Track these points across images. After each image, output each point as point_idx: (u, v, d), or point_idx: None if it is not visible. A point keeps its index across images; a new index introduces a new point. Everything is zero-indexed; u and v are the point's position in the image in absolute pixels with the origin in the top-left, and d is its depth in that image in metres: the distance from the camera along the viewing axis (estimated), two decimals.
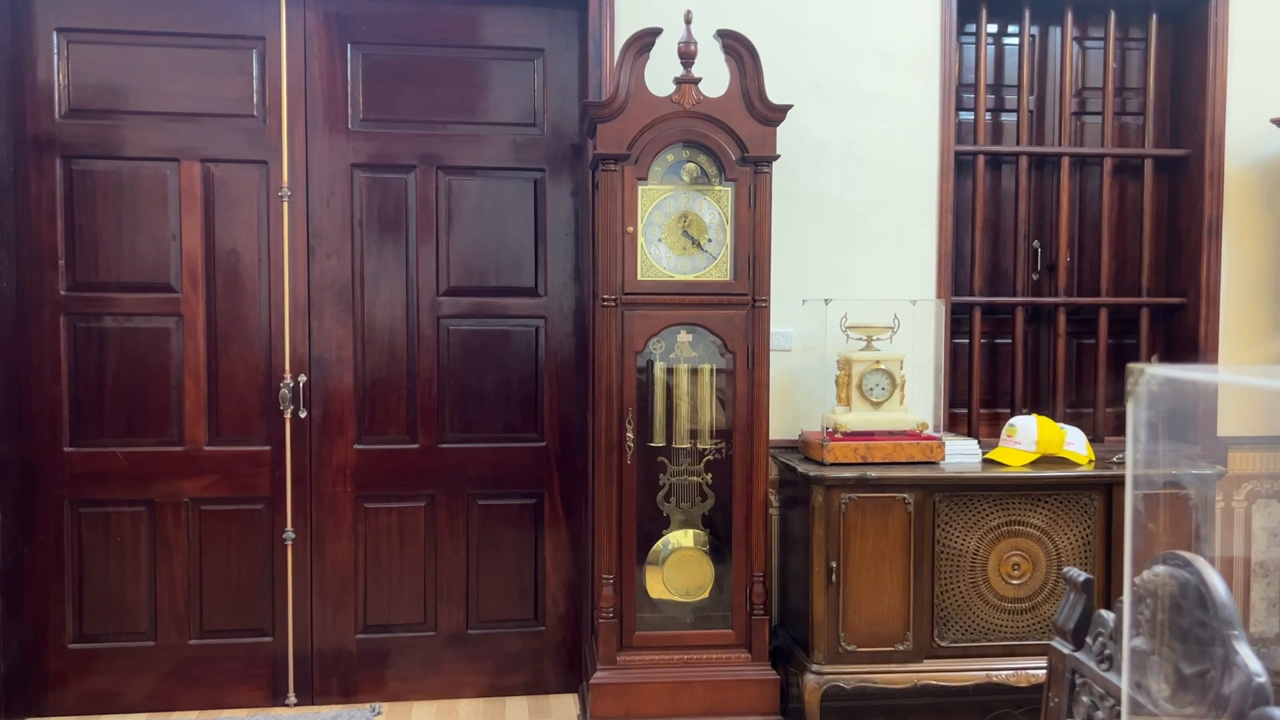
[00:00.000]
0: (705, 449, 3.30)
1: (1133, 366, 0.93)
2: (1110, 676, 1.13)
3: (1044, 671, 3.15)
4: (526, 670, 3.67)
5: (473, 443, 3.62)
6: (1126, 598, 0.94)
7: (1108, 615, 1.18)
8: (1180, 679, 0.91)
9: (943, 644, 3.19)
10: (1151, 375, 0.91)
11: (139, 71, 3.42)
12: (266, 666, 3.54)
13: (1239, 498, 3.75)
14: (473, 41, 3.55)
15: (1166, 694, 0.91)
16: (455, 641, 3.64)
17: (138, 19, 3.40)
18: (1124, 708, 0.91)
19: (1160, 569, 1.01)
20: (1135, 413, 0.93)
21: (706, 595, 3.30)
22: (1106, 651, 1.15)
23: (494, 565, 3.65)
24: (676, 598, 3.29)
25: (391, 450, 3.58)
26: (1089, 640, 1.20)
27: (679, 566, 3.30)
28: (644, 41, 3.04)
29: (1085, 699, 1.15)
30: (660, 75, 3.09)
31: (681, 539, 3.32)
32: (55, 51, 3.38)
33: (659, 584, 3.28)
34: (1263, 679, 0.84)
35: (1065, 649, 1.25)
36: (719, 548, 3.32)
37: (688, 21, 3.10)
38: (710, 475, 3.33)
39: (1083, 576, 1.30)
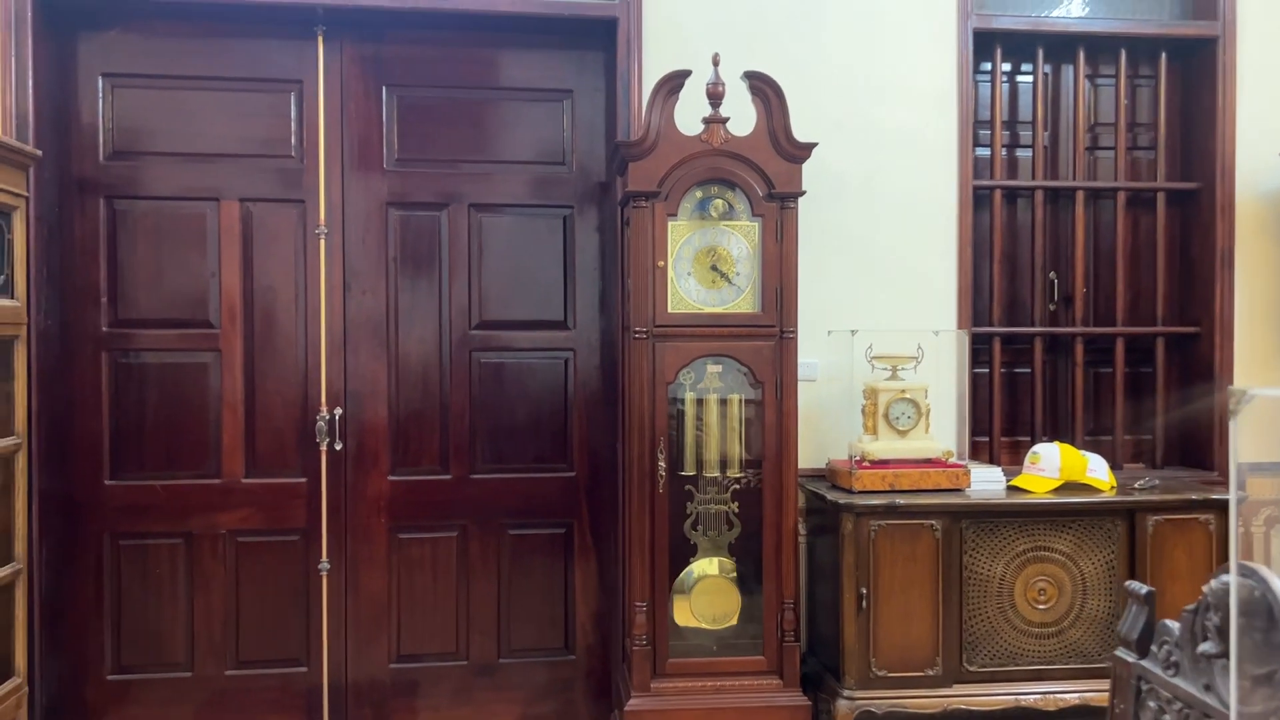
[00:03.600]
0: (735, 478, 3.36)
1: (1234, 389, 1.01)
2: (1177, 682, 1.20)
3: (1071, 696, 3.21)
4: (557, 699, 3.71)
5: (504, 473, 3.69)
6: (1233, 595, 1.00)
7: (1173, 625, 1.24)
8: (1251, 679, 0.98)
9: (971, 669, 3.24)
10: (1252, 395, 0.98)
11: (181, 114, 3.52)
12: (301, 697, 3.58)
13: (1258, 523, 3.81)
14: (503, 83, 3.66)
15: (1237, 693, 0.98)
16: (486, 671, 3.69)
17: (180, 64, 3.51)
18: (1233, 700, 0.97)
19: (1226, 578, 1.08)
20: (1236, 433, 1.00)
21: (733, 623, 3.35)
22: (1173, 658, 1.22)
23: (524, 595, 3.71)
24: (705, 625, 3.34)
25: (424, 481, 3.64)
26: (1154, 649, 1.27)
27: (706, 594, 3.35)
28: (674, 83, 3.15)
29: (1152, 704, 1.21)
30: (688, 115, 3.19)
31: (708, 567, 3.38)
32: (100, 96, 3.49)
33: (686, 612, 3.33)
34: None
35: (1130, 658, 1.32)
36: (746, 576, 3.37)
37: (715, 64, 3.21)
38: (737, 504, 3.39)
39: (1144, 589, 1.37)
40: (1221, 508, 3.30)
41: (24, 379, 3.20)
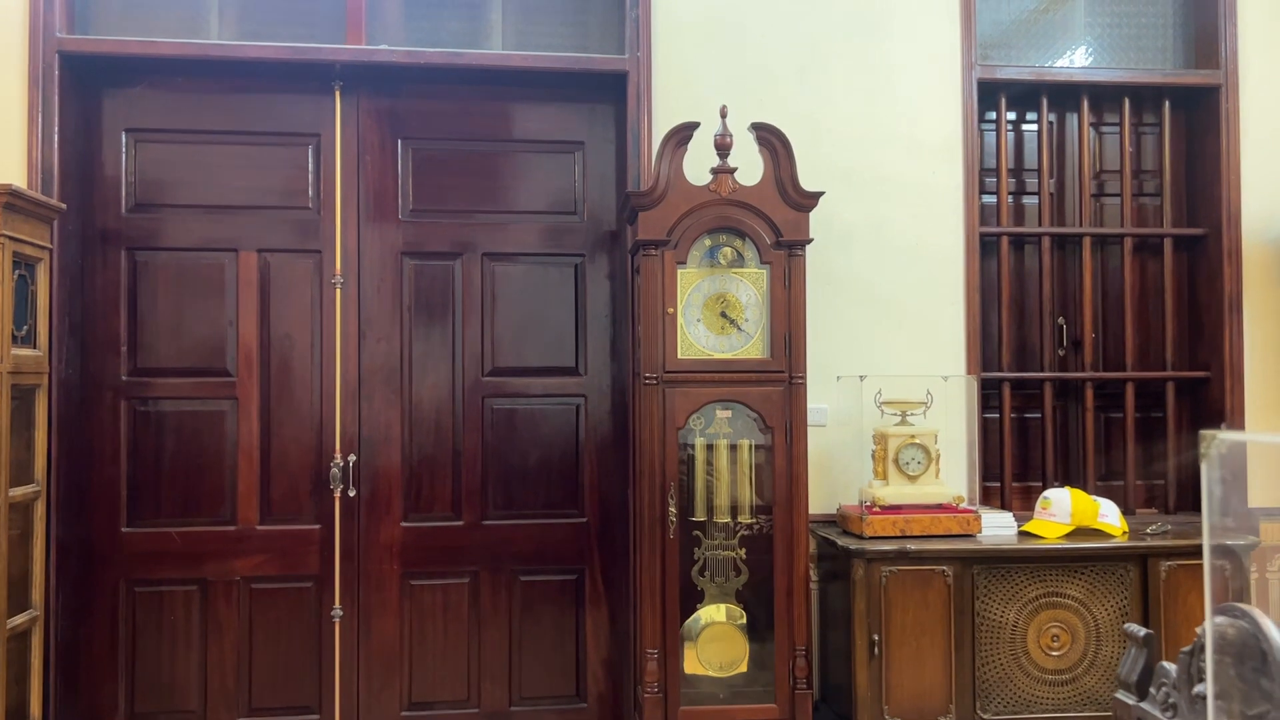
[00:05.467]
0: (746, 523, 3.37)
1: (1205, 433, 1.03)
2: None
3: None
4: None
5: (515, 519, 3.71)
6: (1208, 642, 1.02)
7: (1170, 666, 1.25)
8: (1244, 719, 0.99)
9: (985, 716, 3.21)
10: (1222, 440, 1.01)
11: (201, 168, 3.61)
12: None
13: (1272, 569, 3.79)
14: (516, 135, 3.74)
15: None
16: (498, 719, 3.67)
17: (201, 119, 3.60)
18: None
19: (1220, 619, 1.10)
20: (1209, 474, 1.02)
21: (740, 670, 3.33)
22: (1170, 700, 1.22)
23: (536, 642, 3.71)
24: (711, 673, 3.32)
25: (437, 528, 3.66)
26: (1153, 691, 1.27)
27: (714, 642, 3.34)
28: (682, 134, 3.21)
29: None
30: (697, 165, 3.25)
31: (715, 614, 3.37)
32: (123, 151, 3.58)
33: (693, 659, 3.32)
34: None
35: (1129, 700, 1.33)
36: (756, 622, 3.36)
37: (723, 115, 3.27)
38: (745, 550, 3.39)
39: (1143, 632, 1.38)
40: (1235, 553, 3.28)
41: (44, 427, 3.25)
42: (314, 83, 3.63)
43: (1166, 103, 3.95)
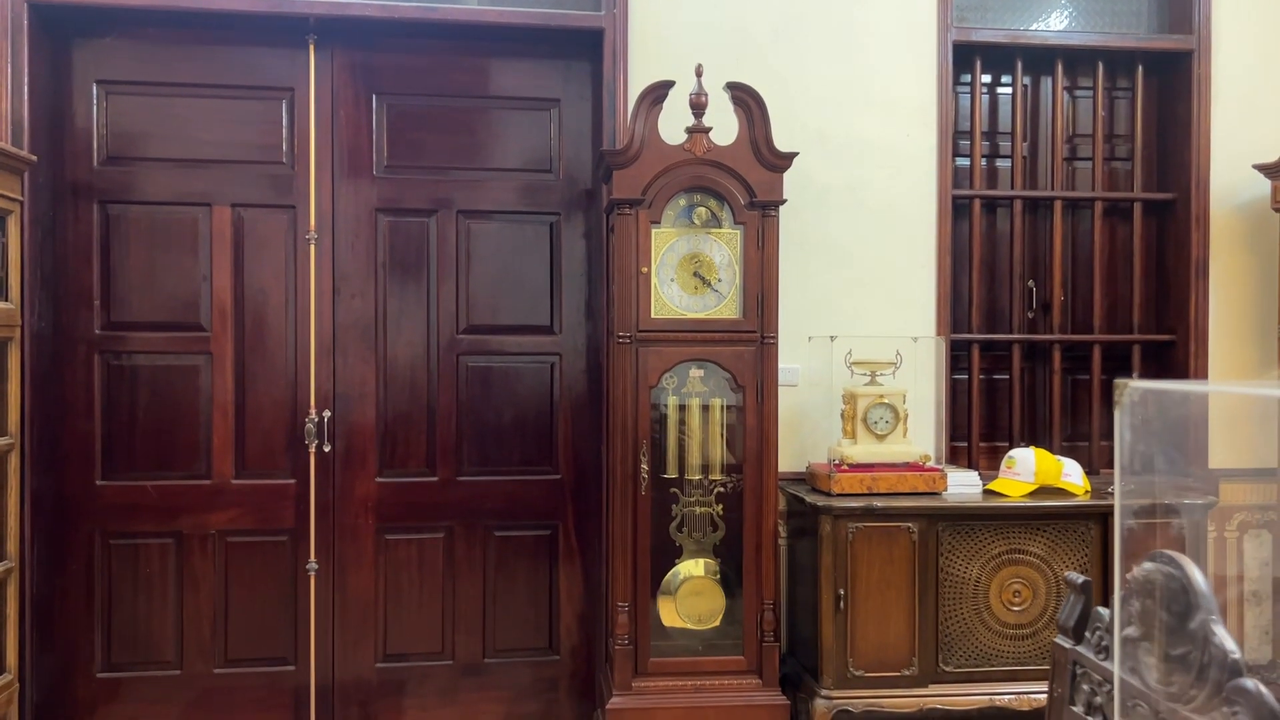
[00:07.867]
0: (718, 481, 3.42)
1: (1119, 381, 1.07)
2: (1107, 665, 1.26)
3: (1045, 696, 3.26)
4: (541, 699, 3.77)
5: (490, 475, 3.75)
6: (1116, 596, 1.07)
7: (1104, 611, 1.31)
8: (1167, 660, 1.04)
9: (947, 669, 3.30)
10: (1134, 388, 1.05)
11: (174, 121, 3.58)
12: (289, 695, 3.63)
13: (1230, 528, 3.88)
14: (492, 92, 3.73)
15: (1156, 675, 1.04)
16: (472, 671, 3.74)
17: (173, 71, 3.57)
18: (1116, 687, 1.03)
19: (1149, 565, 1.15)
20: (1121, 421, 1.07)
21: (719, 623, 3.40)
22: (1104, 643, 1.28)
23: (510, 596, 3.76)
24: (690, 625, 3.39)
25: (412, 483, 3.70)
26: (1088, 635, 1.33)
27: (692, 595, 3.40)
28: (658, 93, 3.21)
29: (1085, 687, 1.28)
30: (673, 124, 3.26)
31: (693, 568, 3.44)
32: (94, 102, 3.55)
33: (672, 612, 3.39)
34: (1237, 655, 0.98)
35: (1067, 644, 1.38)
36: (730, 577, 3.43)
37: (699, 74, 3.27)
38: (721, 506, 3.45)
39: (1081, 579, 1.43)
40: (1180, 511, 3.36)
41: (17, 380, 3.25)
42: (288, 35, 3.60)
43: (1140, 67, 3.97)
